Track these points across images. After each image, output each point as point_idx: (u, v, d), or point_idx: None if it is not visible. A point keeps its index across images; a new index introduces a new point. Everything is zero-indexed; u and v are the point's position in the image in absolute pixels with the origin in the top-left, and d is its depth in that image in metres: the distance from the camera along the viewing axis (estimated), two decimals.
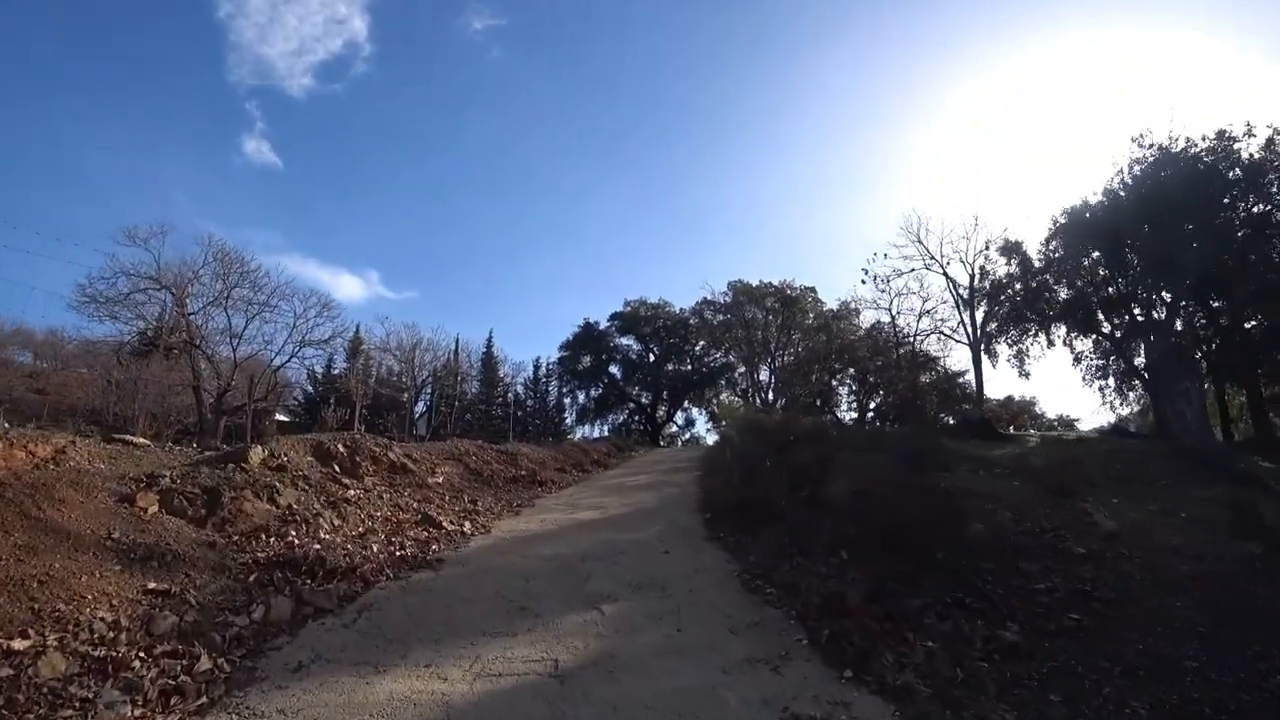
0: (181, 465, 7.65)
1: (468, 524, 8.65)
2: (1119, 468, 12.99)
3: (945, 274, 32.15)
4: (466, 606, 5.53)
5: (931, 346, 33.11)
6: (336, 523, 7.47)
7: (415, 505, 9.04)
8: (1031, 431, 29.35)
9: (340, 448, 9.72)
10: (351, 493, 8.61)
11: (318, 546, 6.38)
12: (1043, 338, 30.09)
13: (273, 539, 6.49)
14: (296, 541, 6.49)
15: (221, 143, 77.16)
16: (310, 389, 40.93)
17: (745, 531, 8.16)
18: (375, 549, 6.81)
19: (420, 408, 45.76)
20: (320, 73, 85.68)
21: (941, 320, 31.42)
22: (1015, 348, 30.36)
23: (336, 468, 9.35)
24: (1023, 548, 7.08)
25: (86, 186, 66.83)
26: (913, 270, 33.22)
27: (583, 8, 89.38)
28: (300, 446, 9.42)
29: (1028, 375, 30.68)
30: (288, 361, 25.76)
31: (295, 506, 7.37)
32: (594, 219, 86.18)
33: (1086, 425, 36.42)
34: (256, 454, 8.24)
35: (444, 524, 8.26)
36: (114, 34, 70.40)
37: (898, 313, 32.61)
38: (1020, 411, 44.46)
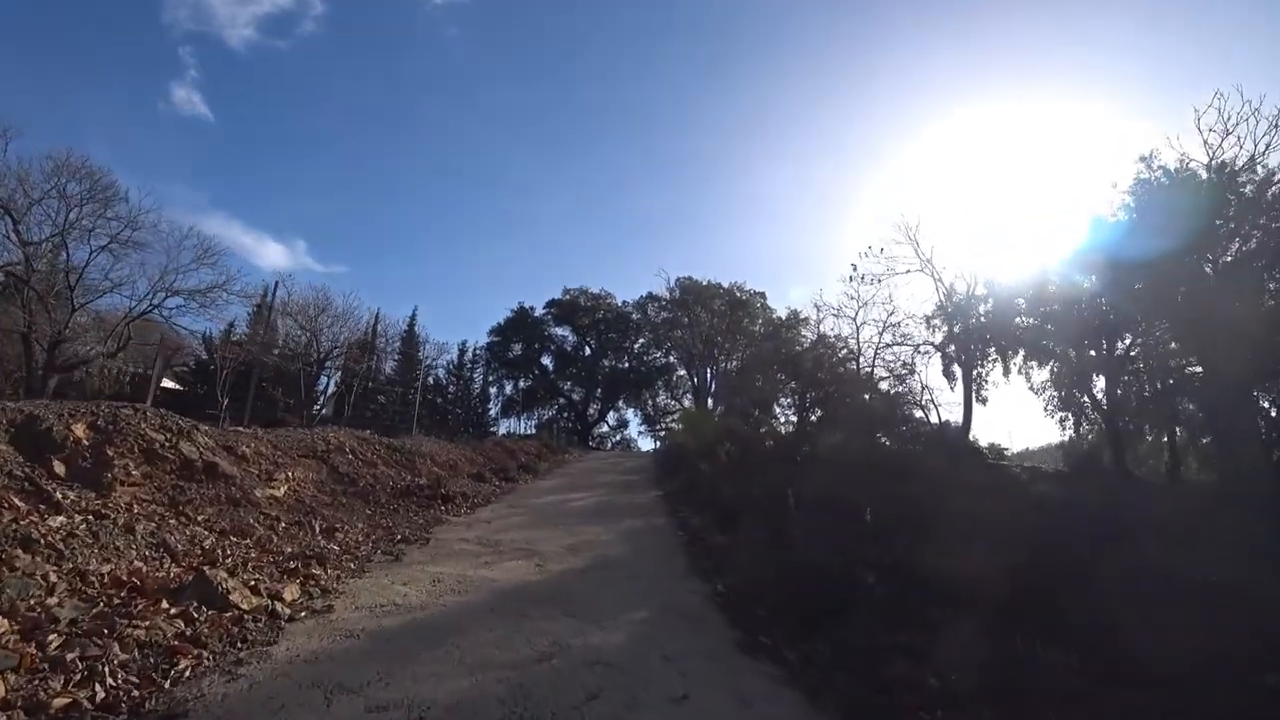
0: None
1: (291, 590, 4.48)
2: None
3: (938, 279, 29.42)
4: None
5: (892, 363, 30.36)
6: None
7: (195, 546, 4.80)
8: (1019, 464, 27.18)
9: (78, 431, 5.33)
10: (57, 521, 4.30)
11: None
12: (1000, 364, 28.20)
13: None
14: None
15: (148, 88, 67.14)
16: (205, 355, 34.67)
17: (808, 635, 4.41)
18: None
19: (330, 386, 40.17)
20: (265, 25, 77.03)
21: (905, 336, 28.74)
22: (975, 371, 28.29)
23: (60, 468, 4.98)
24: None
25: None
26: (907, 271, 30.24)
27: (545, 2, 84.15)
28: None
29: (985, 401, 28.66)
30: (147, 312, 20.17)
31: None
32: (542, 209, 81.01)
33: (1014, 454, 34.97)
34: None
35: (233, 595, 4.07)
36: None
37: (862, 323, 29.75)
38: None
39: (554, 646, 4.00)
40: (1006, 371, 29.20)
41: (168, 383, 40.69)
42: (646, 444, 43.22)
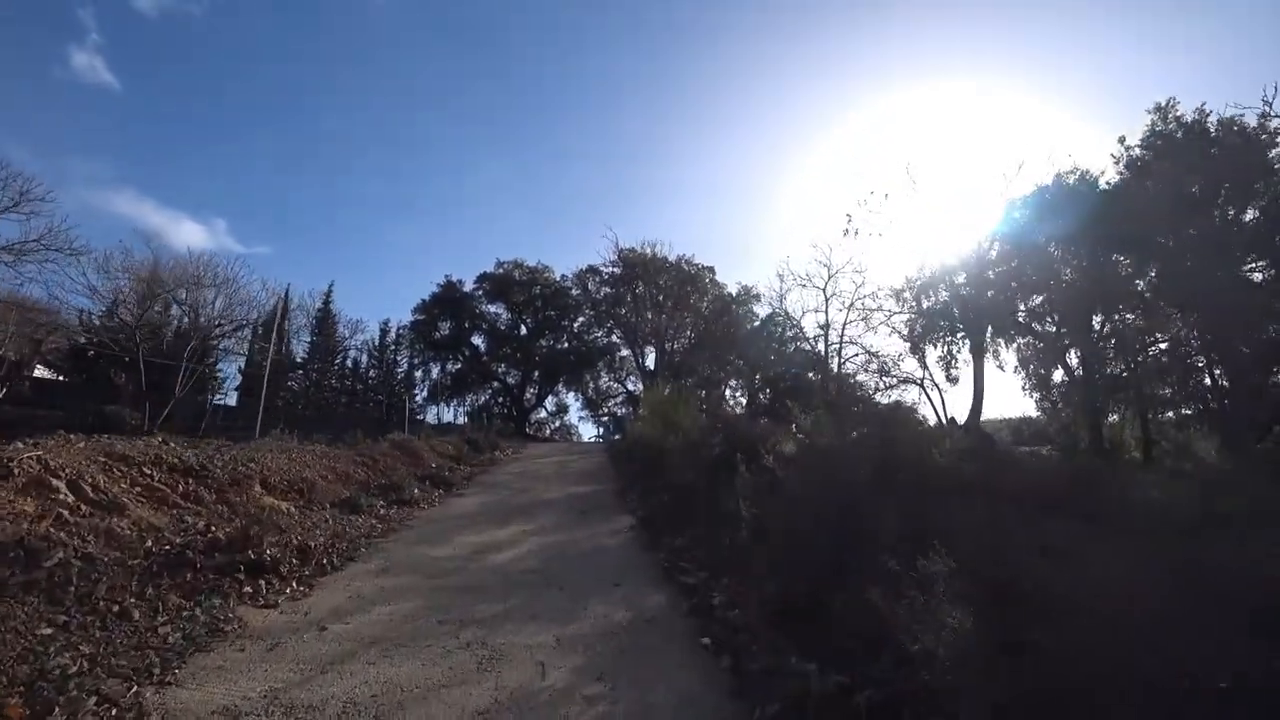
0: None
1: None
2: None
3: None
4: None
5: (866, 340, 27.36)
6: None
7: None
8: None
9: None
10: None
11: None
12: (968, 342, 25.79)
13: None
14: None
15: (42, 52, 58.18)
16: (83, 339, 28.38)
17: None
18: None
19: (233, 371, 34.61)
20: None
21: (876, 308, 25.77)
22: (945, 348, 25.80)
23: None
24: None
25: None
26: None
27: None
28: None
29: (955, 380, 26.21)
30: None
31: None
32: (475, 183, 75.00)
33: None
34: None
35: None
36: None
37: (832, 295, 26.66)
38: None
39: None
40: (978, 351, 26.71)
41: (42, 371, 33.84)
42: (588, 430, 39.40)
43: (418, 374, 39.34)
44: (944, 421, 21.27)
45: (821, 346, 26.06)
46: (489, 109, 78.40)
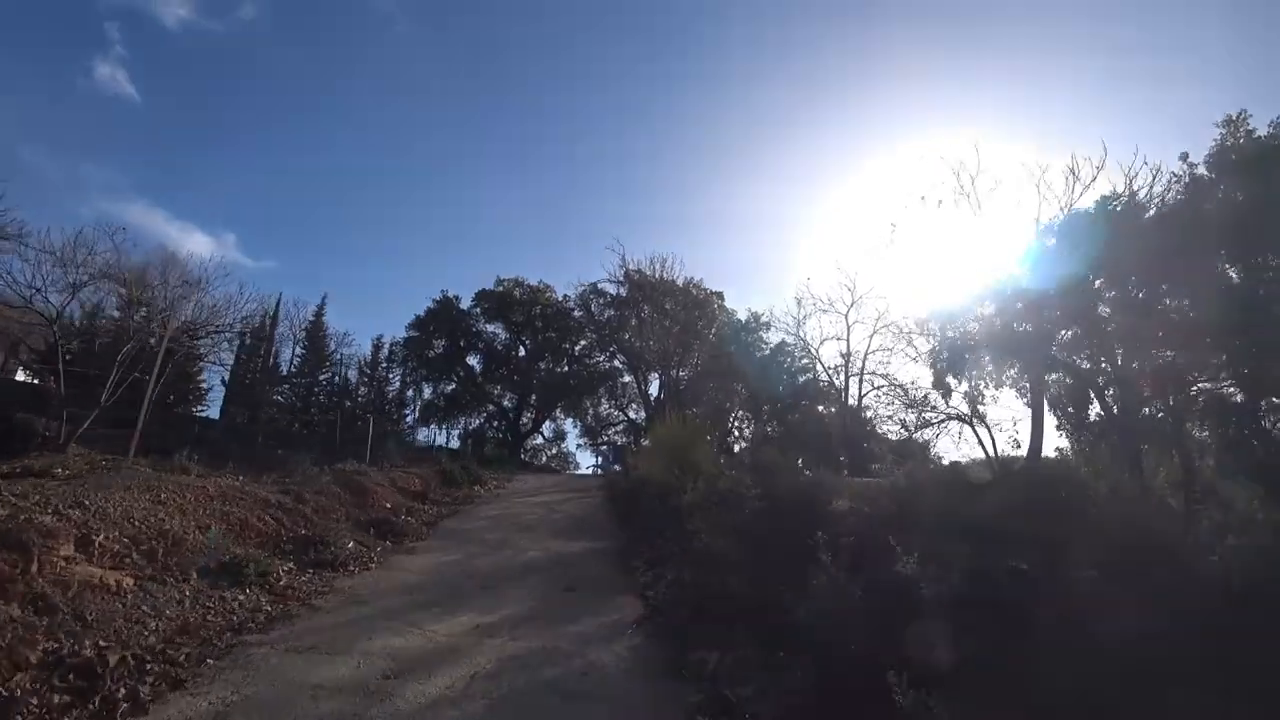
0: None
1: None
2: None
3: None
4: None
5: (890, 369, 24.90)
6: None
7: None
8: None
9: None
10: None
11: None
12: (995, 376, 23.40)
13: None
14: None
15: (68, 62, 59.42)
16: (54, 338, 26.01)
17: None
18: None
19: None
20: (202, 5, 68.28)
21: (906, 333, 23.37)
22: (972, 383, 23.39)
23: None
24: None
25: None
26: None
27: (494, 5, 78.16)
28: None
29: (981, 417, 23.75)
30: None
31: None
32: (485, 204, 73.55)
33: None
34: None
35: None
36: None
37: (854, 322, 24.31)
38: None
39: None
40: (999, 384, 24.09)
41: (20, 375, 31.46)
42: (586, 459, 36.78)
43: (409, 393, 36.85)
44: (994, 463, 18.70)
45: (841, 379, 23.56)
46: (498, 128, 77.53)
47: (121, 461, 8.62)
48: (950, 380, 24.33)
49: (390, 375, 38.82)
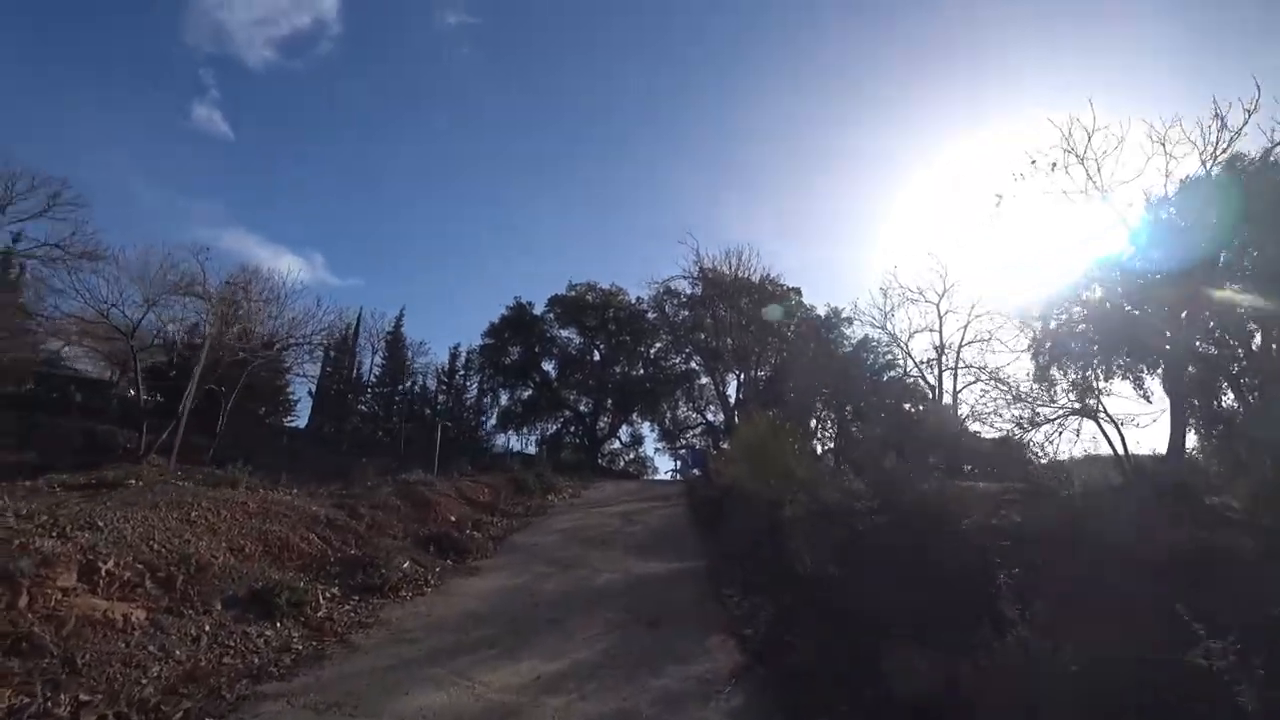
0: None
1: None
2: None
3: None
4: None
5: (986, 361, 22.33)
6: None
7: None
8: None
9: None
10: None
11: None
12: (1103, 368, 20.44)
13: None
14: None
15: (169, 107, 65.57)
16: (165, 358, 27.91)
17: None
18: None
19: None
20: (283, 47, 76.55)
21: (1000, 326, 20.92)
22: (1081, 375, 20.58)
23: None
24: None
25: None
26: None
27: (555, 22, 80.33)
28: None
29: (1093, 413, 20.84)
30: None
31: None
32: (546, 225, 74.84)
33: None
34: None
35: None
36: None
37: (946, 311, 22.07)
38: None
39: None
40: (1109, 376, 20.96)
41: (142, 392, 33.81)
42: (664, 463, 35.66)
43: (487, 400, 37.11)
44: (1126, 463, 16.22)
45: (934, 373, 21.36)
46: (557, 163, 79.04)
47: (165, 472, 8.32)
48: (1054, 372, 21.56)
49: (468, 383, 39.36)
